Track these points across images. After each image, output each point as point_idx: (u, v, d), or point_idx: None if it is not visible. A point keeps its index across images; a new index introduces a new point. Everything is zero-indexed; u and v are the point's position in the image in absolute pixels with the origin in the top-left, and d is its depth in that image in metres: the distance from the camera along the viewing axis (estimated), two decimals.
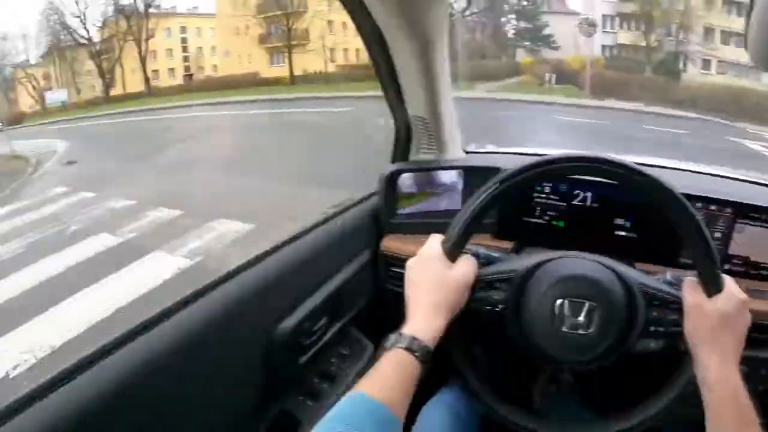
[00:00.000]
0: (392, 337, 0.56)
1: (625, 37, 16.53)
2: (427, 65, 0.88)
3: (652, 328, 0.60)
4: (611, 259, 0.64)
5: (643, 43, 16.05)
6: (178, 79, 22.47)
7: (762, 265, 0.87)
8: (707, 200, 0.84)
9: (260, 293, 0.75)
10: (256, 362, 0.75)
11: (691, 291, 0.58)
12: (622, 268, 0.63)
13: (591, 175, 0.68)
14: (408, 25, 0.81)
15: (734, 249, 0.87)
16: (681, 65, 15.54)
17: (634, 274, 0.63)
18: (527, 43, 18.03)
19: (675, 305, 0.59)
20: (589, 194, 0.86)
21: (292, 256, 0.83)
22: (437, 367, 0.60)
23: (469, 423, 0.82)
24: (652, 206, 0.59)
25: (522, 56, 17.70)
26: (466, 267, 0.61)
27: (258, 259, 0.79)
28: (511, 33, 18.81)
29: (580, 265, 0.62)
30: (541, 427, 0.63)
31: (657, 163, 1.03)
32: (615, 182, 0.60)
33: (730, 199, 0.85)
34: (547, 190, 0.88)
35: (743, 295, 0.58)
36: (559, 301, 0.58)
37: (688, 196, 0.60)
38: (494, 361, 0.87)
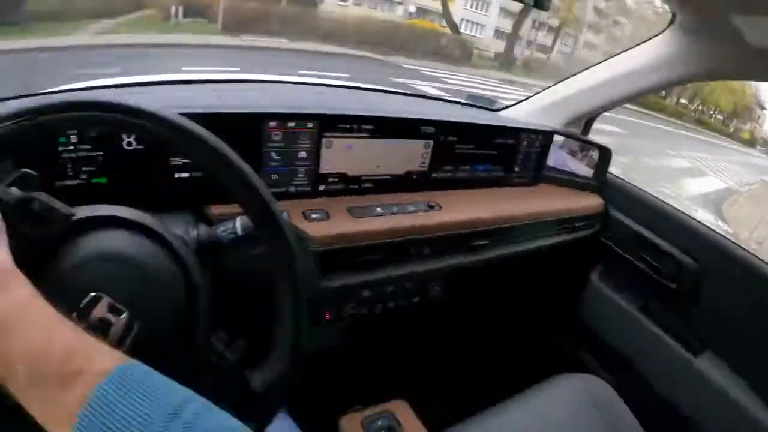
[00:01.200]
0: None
1: None
2: None
3: None
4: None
5: None
6: None
7: (361, 178, 0.81)
8: (283, 117, 0.71)
9: None
10: None
11: None
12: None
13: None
14: None
15: (327, 167, 0.78)
16: None
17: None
18: None
19: None
20: (133, 136, 0.62)
21: None
22: None
23: None
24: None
25: None
26: None
27: None
28: None
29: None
30: None
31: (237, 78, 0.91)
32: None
33: (312, 112, 0.74)
34: (74, 139, 0.60)
35: None
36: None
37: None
38: None
